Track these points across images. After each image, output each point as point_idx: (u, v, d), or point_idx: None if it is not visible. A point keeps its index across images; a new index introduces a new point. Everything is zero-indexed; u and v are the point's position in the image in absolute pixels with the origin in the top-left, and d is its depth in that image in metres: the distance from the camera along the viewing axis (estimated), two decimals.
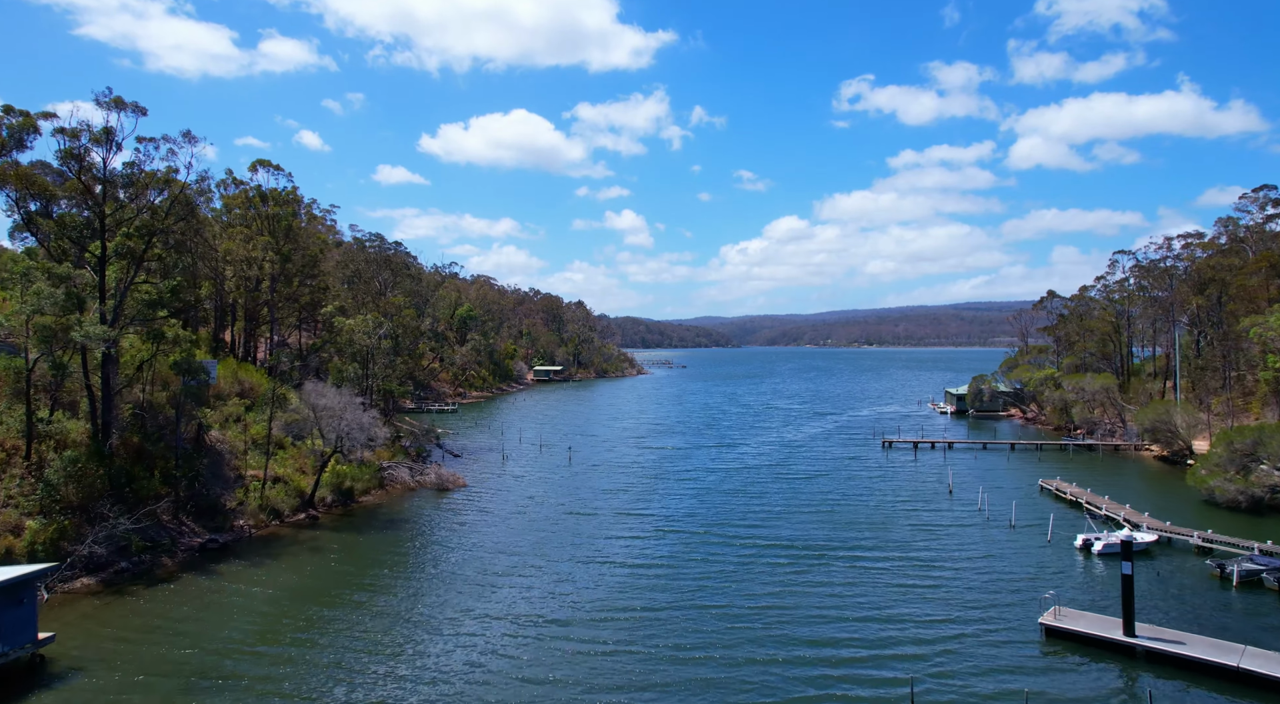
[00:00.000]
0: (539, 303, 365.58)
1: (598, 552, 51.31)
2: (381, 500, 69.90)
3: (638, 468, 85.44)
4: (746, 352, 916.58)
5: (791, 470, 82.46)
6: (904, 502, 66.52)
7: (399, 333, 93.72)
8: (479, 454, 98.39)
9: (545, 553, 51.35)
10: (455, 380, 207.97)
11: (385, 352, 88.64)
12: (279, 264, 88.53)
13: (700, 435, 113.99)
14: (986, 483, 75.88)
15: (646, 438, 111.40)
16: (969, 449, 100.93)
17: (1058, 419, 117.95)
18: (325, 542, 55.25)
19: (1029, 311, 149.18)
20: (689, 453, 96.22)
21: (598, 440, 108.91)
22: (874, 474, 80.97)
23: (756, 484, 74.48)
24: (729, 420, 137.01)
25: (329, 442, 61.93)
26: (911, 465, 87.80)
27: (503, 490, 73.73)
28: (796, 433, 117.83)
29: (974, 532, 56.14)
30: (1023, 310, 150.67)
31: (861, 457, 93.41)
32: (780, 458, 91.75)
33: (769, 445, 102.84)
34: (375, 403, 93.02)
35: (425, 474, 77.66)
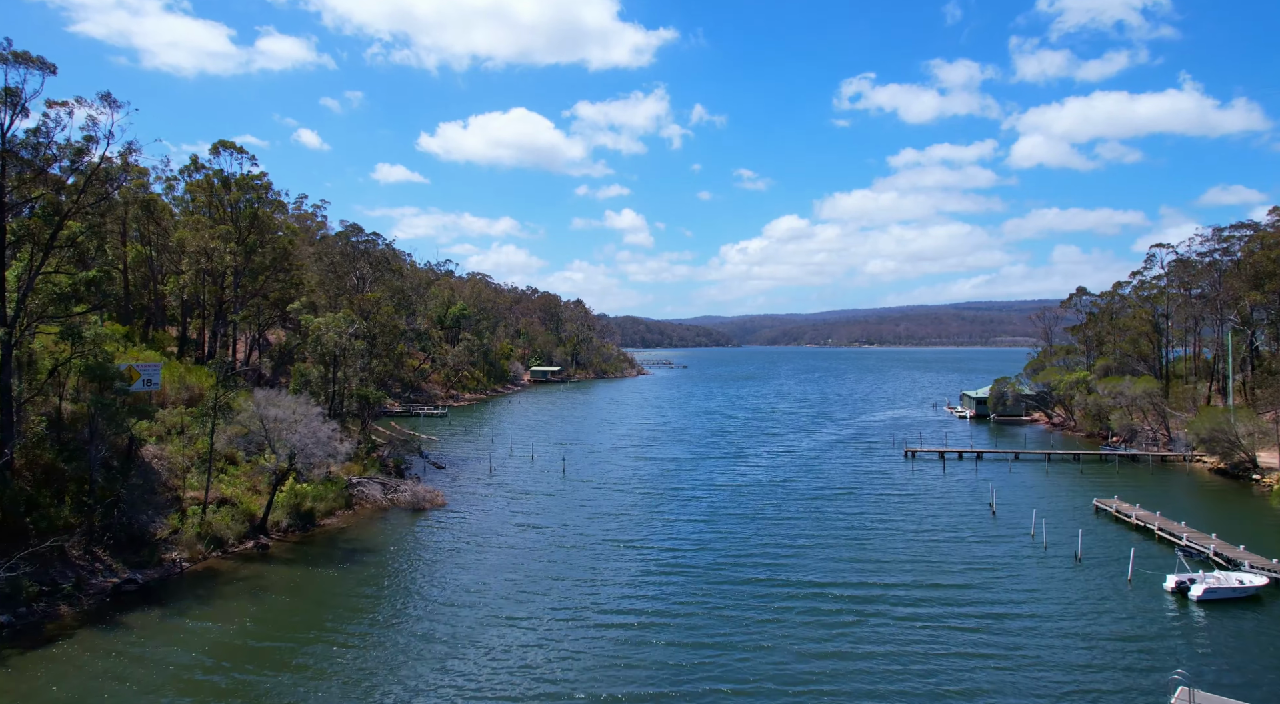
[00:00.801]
0: (536, 301, 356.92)
1: (589, 600, 42.70)
2: (347, 523, 61.33)
3: (638, 484, 76.86)
4: (747, 351, 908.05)
5: (810, 487, 73.87)
6: (945, 528, 57.90)
7: (376, 332, 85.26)
8: (464, 465, 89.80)
9: (526, 601, 42.75)
10: (447, 382, 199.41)
11: (359, 353, 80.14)
12: (242, 256, 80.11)
13: (706, 444, 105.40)
14: (1031, 501, 67.43)
15: (647, 447, 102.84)
16: (1000, 460, 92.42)
17: (1090, 425, 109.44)
18: (271, 578, 46.72)
19: (1053, 310, 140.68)
20: (694, 465, 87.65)
21: (594, 450, 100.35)
22: (903, 492, 72.39)
23: (772, 505, 65.86)
24: (735, 426, 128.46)
25: (281, 458, 53.33)
26: (941, 480, 79.29)
27: (485, 512, 65.13)
28: (809, 440, 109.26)
29: (1035, 568, 47.58)
30: (1045, 308, 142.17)
31: (884, 470, 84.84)
32: (795, 471, 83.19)
33: (781, 456, 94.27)
34: (348, 409, 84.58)
35: (399, 492, 69.06)
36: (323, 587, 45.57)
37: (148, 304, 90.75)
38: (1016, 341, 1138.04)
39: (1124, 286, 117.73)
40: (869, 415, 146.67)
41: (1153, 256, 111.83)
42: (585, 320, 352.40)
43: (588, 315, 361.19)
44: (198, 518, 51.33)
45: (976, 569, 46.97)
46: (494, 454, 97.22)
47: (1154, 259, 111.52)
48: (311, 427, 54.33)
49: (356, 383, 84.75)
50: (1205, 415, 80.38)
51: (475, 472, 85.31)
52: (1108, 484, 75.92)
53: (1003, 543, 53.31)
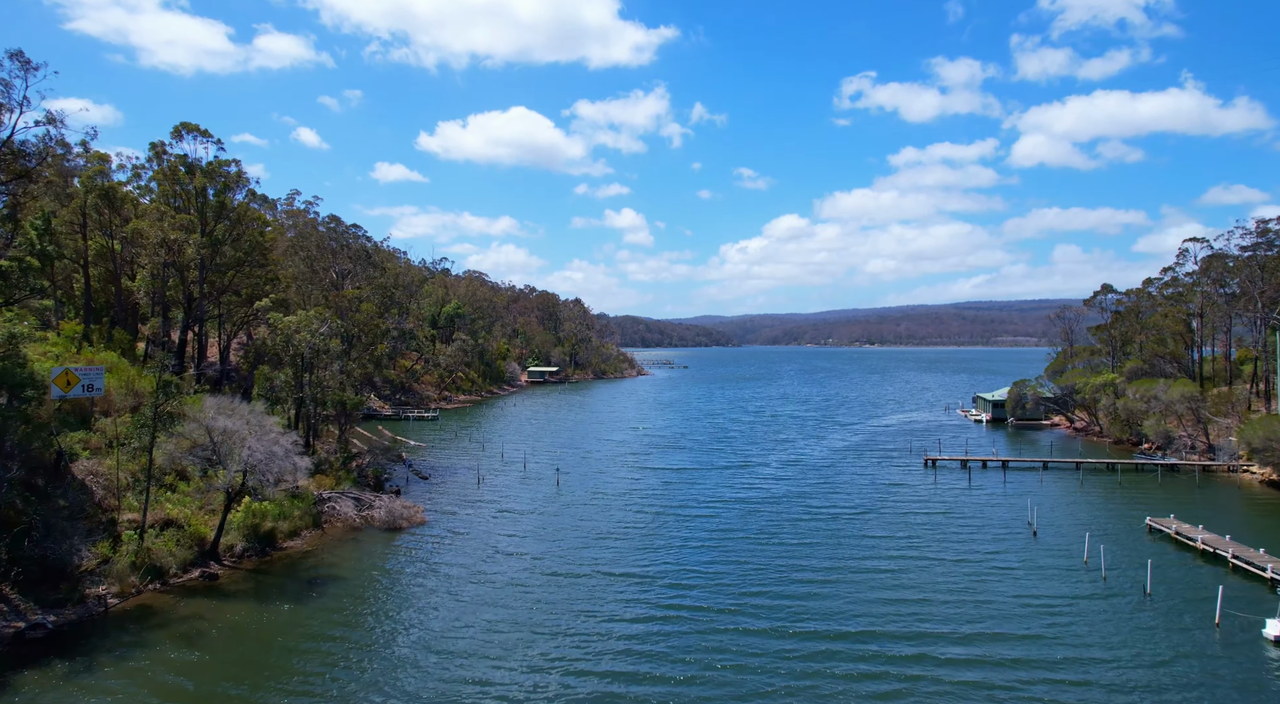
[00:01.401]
0: (534, 300, 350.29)
1: (581, 649, 36.09)
2: (313, 546, 54.72)
3: (639, 498, 70.23)
4: (748, 351, 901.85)
5: (827, 504, 67.20)
6: (985, 555, 51.23)
7: (355, 331, 78.70)
8: (451, 475, 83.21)
9: (504, 657, 36.13)
10: (441, 383, 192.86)
11: (335, 354, 73.52)
12: (208, 249, 73.49)
13: (710, 452, 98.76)
14: (1072, 519, 60.89)
15: (648, 455, 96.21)
16: (1028, 469, 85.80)
17: (1119, 431, 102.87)
18: (213, 616, 40.16)
19: (1074, 309, 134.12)
20: (698, 477, 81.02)
21: (590, 458, 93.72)
22: (929, 508, 65.74)
23: (788, 526, 59.15)
24: (739, 431, 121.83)
25: (232, 475, 46.66)
26: (968, 493, 72.70)
27: (469, 532, 58.48)
28: (819, 448, 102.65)
29: (1102, 608, 40.95)
30: (1066, 307, 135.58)
31: (904, 482, 78.22)
32: (809, 483, 76.57)
33: (791, 466, 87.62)
34: (323, 415, 78.01)
35: (374, 508, 62.41)
36: (270, 626, 38.99)
37: (111, 302, 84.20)
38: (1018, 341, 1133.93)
39: (1153, 284, 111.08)
40: (879, 419, 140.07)
41: (1185, 251, 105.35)
42: (584, 320, 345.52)
43: (586, 314, 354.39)
44: (134, 544, 44.75)
45: (1034, 611, 40.28)
46: (484, 463, 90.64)
47: (1187, 254, 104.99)
48: (268, 439, 47.69)
49: (336, 386, 78.22)
50: (1259, 423, 73.85)
51: (462, 483, 78.74)
52: (1152, 498, 69.36)
53: (1055, 574, 46.64)
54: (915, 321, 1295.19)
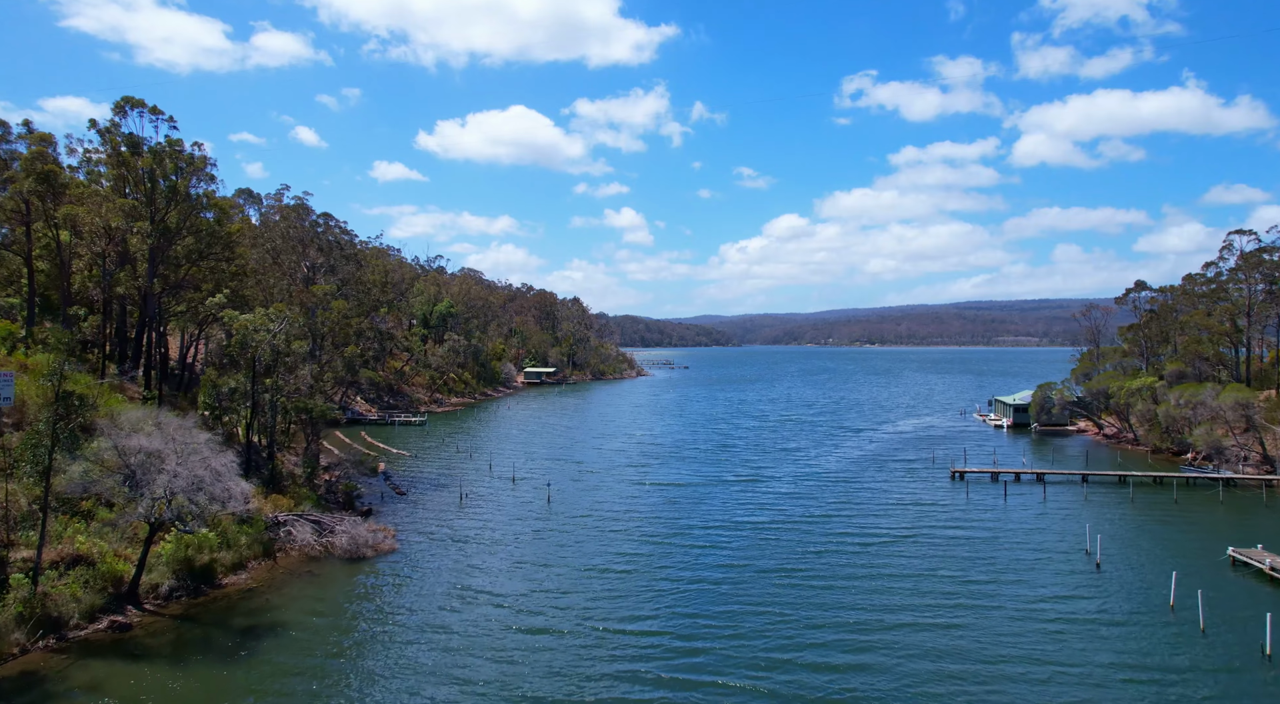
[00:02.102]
0: (532, 299, 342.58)
1: None
2: (259, 581, 46.83)
3: (638, 521, 62.29)
4: (748, 351, 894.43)
5: (855, 528, 59.21)
6: (1053, 597, 43.19)
7: (324, 331, 70.86)
8: (431, 491, 75.36)
9: None
10: (432, 385, 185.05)
11: (299, 357, 65.65)
12: (157, 238, 65.63)
13: (715, 463, 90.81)
14: (1136, 547, 53.05)
15: (648, 467, 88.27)
16: (1066, 483, 77.95)
17: (1158, 439, 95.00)
18: (113, 681, 32.35)
19: (1103, 307, 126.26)
20: (704, 493, 73.10)
21: (585, 471, 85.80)
22: (970, 532, 57.79)
23: (811, 558, 51.09)
24: (744, 438, 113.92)
25: (144, 505, 38.61)
26: (1007, 513, 64.84)
27: (441, 566, 50.53)
28: (834, 458, 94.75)
29: (1221, 677, 33.06)
30: (1093, 305, 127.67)
31: (934, 499, 70.33)
32: (829, 501, 68.65)
33: (807, 480, 79.71)
34: (289, 427, 70.15)
35: (335, 534, 54.47)
36: (179, 695, 31.13)
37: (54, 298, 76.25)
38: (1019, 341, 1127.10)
39: (1195, 281, 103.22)
40: (892, 425, 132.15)
41: (1230, 245, 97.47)
42: (582, 319, 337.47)
43: (585, 314, 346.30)
44: (25, 590, 36.84)
45: (1135, 679, 32.37)
46: (469, 475, 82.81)
47: (1232, 247, 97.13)
48: (194, 460, 39.72)
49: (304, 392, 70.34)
50: None
51: (443, 500, 70.88)
52: (1221, 521, 61.55)
53: (1143, 628, 38.62)
54: (916, 321, 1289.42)
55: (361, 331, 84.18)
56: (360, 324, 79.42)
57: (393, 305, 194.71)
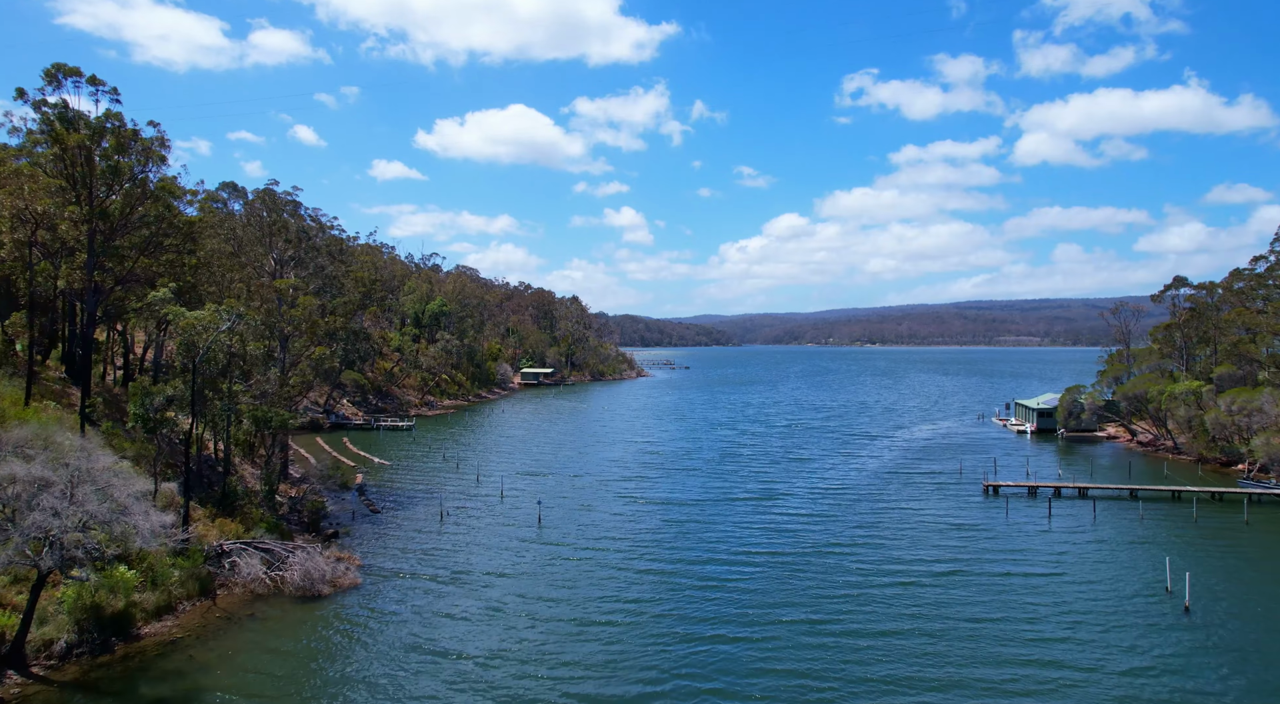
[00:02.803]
0: (529, 298, 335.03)
1: None
2: (188, 628, 39.15)
3: (639, 548, 54.57)
4: (749, 351, 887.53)
5: (889, 558, 51.47)
6: (1149, 660, 35.48)
7: (288, 330, 63.22)
8: (410, 507, 67.74)
9: None
10: (424, 387, 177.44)
11: (254, 359, 57.94)
12: (93, 225, 57.91)
13: (722, 475, 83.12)
14: (1222, 581, 45.41)
15: (648, 480, 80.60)
16: (1114, 499, 70.32)
17: (1204, 448, 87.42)
18: None
19: (1133, 305, 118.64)
20: (713, 513, 65.37)
21: (580, 484, 78.14)
22: (1022, 563, 50.07)
23: (841, 602, 43.25)
24: (752, 445, 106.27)
25: (13, 550, 30.78)
26: (1055, 535, 57.20)
27: (406, 610, 42.80)
28: (851, 468, 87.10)
29: None
30: (1123, 303, 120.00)
31: (972, 520, 62.66)
32: (852, 525, 60.93)
33: (826, 496, 72.01)
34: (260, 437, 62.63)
35: (288, 567, 46.74)
36: None
37: None
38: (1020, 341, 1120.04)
39: (1241, 277, 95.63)
40: (908, 431, 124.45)
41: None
42: (581, 318, 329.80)
43: (584, 313, 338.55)
44: None
45: None
46: (454, 488, 75.26)
47: None
48: (83, 492, 31.96)
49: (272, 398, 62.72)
50: None
51: (421, 519, 63.25)
52: None
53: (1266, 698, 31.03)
54: (916, 321, 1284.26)
55: (334, 331, 76.37)
56: (333, 323, 71.62)
57: (383, 303, 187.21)
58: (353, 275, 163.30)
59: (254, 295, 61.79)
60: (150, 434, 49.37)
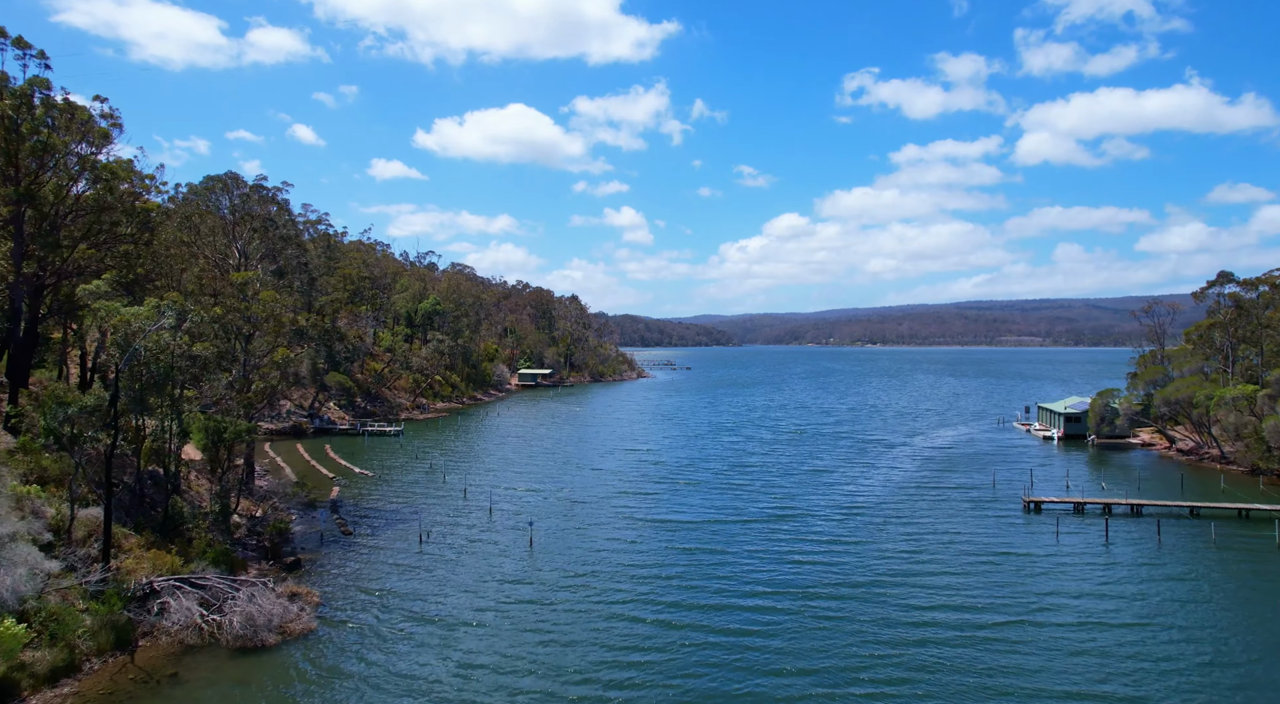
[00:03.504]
0: (527, 297, 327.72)
1: None
2: (91, 694, 31.84)
3: (642, 587, 47.15)
4: (750, 351, 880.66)
5: (936, 600, 44.00)
6: None
7: (247, 329, 55.85)
8: (387, 528, 60.40)
9: None
10: (416, 389, 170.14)
11: (205, 363, 50.56)
12: (21, 207, 50.64)
13: (732, 491, 75.77)
14: None
15: (651, 496, 73.26)
16: (1172, 517, 62.92)
17: (1259, 458, 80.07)
18: None
19: (1169, 303, 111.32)
20: (724, 537, 57.99)
21: (577, 499, 70.78)
22: (1098, 600, 42.73)
23: (894, 658, 35.93)
24: (761, 454, 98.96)
25: None
26: (1122, 567, 49.86)
27: (363, 669, 35.36)
28: (873, 481, 79.80)
29: None
30: (1155, 301, 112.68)
31: (1020, 544, 55.32)
32: (889, 552, 53.54)
33: (851, 516, 64.65)
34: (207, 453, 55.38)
35: (229, 609, 39.31)
36: None
37: None
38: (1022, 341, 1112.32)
39: None
40: (925, 437, 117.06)
41: None
42: (580, 318, 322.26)
43: (583, 312, 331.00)
44: None
45: None
46: (439, 503, 67.98)
47: None
48: None
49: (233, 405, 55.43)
50: None
51: (398, 542, 55.94)
52: None
53: None
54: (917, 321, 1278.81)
55: (304, 330, 69.00)
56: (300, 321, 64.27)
57: (374, 302, 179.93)
58: (340, 272, 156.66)
59: (206, 289, 54.41)
60: (65, 450, 42.00)
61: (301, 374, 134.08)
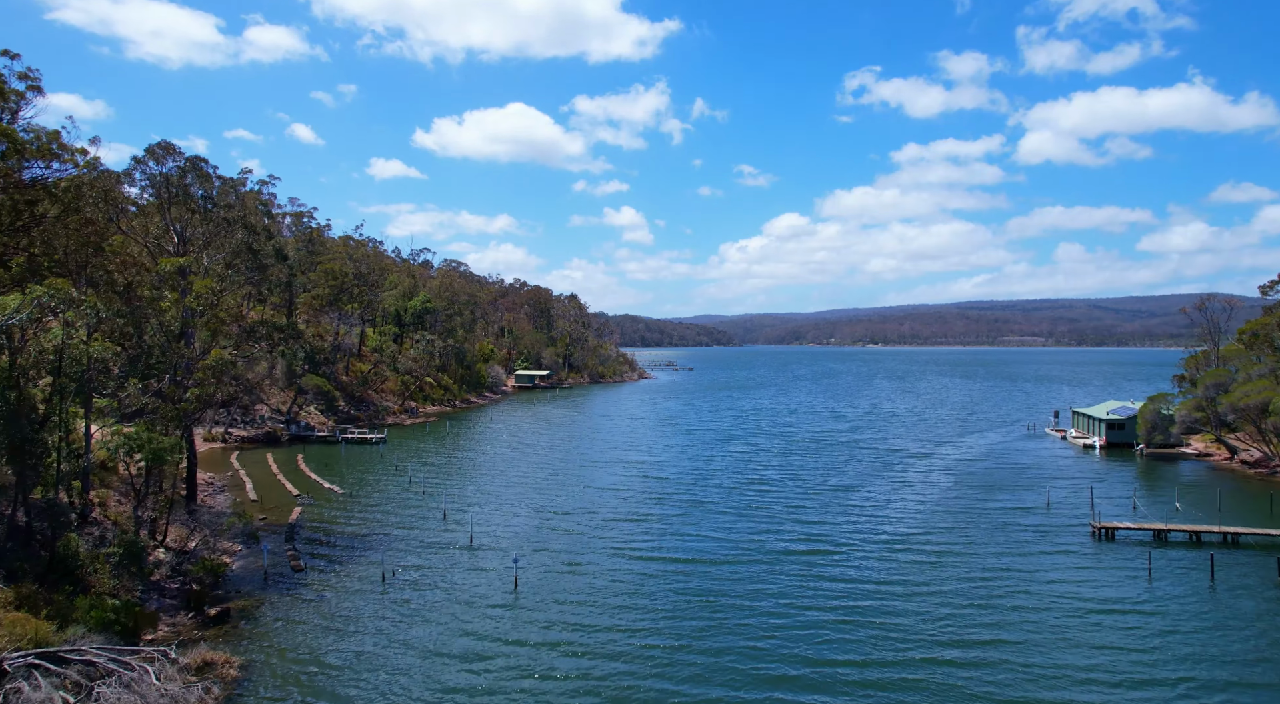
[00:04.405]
0: (524, 295, 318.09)
1: None
2: None
3: (647, 657, 37.37)
4: (751, 351, 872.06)
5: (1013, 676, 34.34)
6: None
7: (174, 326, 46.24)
8: (346, 560, 50.73)
9: None
10: (404, 391, 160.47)
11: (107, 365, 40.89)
12: None
13: (748, 516, 66.02)
14: None
15: (656, 523, 63.52)
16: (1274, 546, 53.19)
17: None
18: None
19: (1225, 299, 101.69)
20: (747, 582, 48.24)
21: (570, 528, 61.01)
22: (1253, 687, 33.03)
23: None
24: (777, 468, 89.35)
25: None
26: (1224, 610, 40.17)
27: None
28: (910, 501, 70.15)
29: None
30: (1209, 297, 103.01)
31: (1105, 587, 45.64)
32: (951, 600, 43.80)
33: (894, 548, 54.92)
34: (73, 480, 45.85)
35: (100, 697, 29.56)
36: None
37: None
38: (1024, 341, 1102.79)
39: None
40: (954, 446, 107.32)
41: None
42: (580, 317, 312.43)
43: (583, 311, 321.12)
44: None
45: None
46: (412, 529, 58.23)
47: None
48: None
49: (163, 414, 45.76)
50: None
51: (357, 581, 46.30)
52: None
53: None
54: (918, 321, 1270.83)
55: (253, 329, 59.38)
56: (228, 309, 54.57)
57: (360, 300, 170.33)
58: (323, 267, 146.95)
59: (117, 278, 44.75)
60: None
61: (276, 376, 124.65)
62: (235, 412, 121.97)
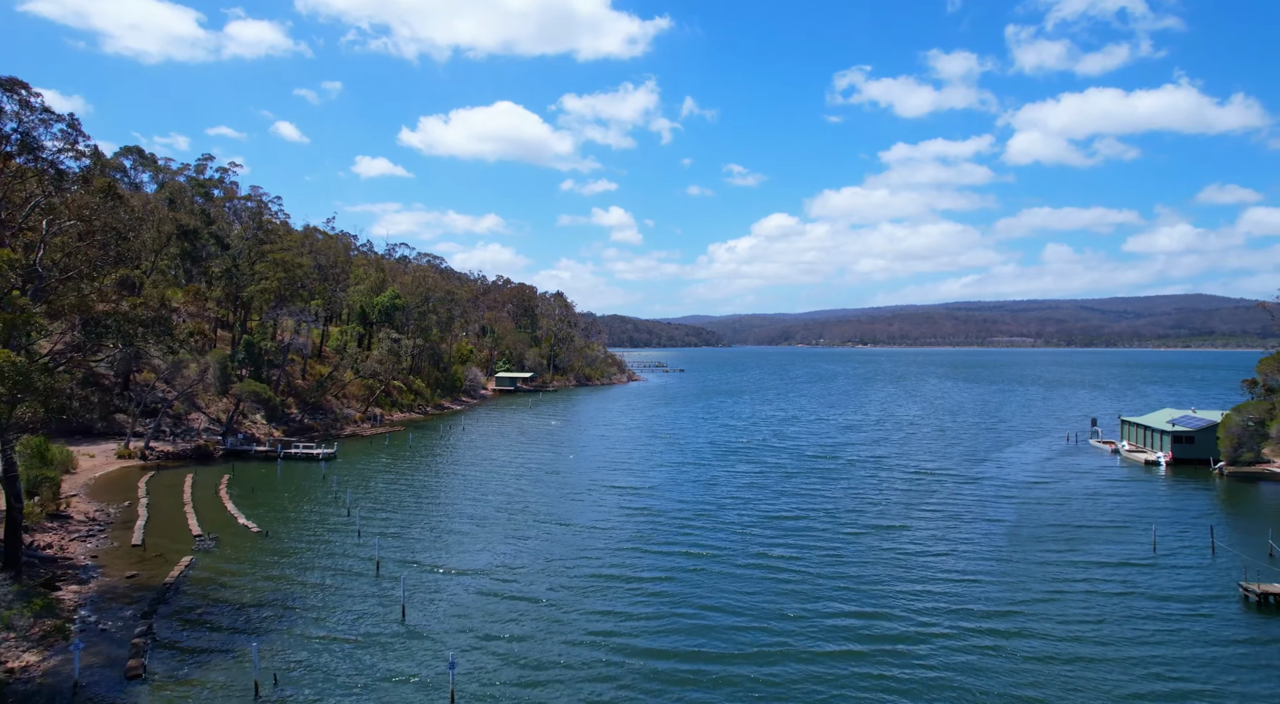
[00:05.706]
0: (508, 293, 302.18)
1: None
2: None
3: None
4: (740, 352, 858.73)
5: None
6: None
7: None
8: (216, 655, 35.02)
9: None
10: (369, 397, 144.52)
11: None
12: None
13: (771, 573, 50.84)
14: None
15: (649, 587, 48.18)
16: None
17: None
18: None
19: None
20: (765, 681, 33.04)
21: (533, 597, 45.47)
22: None
23: None
24: (792, 496, 74.51)
25: None
26: None
27: None
28: (970, 547, 55.22)
29: None
30: None
31: None
32: None
33: (977, 630, 39.85)
34: None
35: None
36: None
37: None
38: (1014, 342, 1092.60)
39: None
40: (995, 465, 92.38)
41: None
42: (566, 316, 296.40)
43: (569, 310, 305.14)
44: None
45: None
46: (329, 589, 42.54)
47: None
48: None
49: None
50: None
51: (218, 696, 30.81)
52: None
53: None
54: (907, 321, 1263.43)
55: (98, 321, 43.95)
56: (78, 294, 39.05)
57: (321, 294, 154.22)
58: (272, 257, 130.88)
59: None
60: None
61: (208, 381, 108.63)
62: (165, 421, 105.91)
